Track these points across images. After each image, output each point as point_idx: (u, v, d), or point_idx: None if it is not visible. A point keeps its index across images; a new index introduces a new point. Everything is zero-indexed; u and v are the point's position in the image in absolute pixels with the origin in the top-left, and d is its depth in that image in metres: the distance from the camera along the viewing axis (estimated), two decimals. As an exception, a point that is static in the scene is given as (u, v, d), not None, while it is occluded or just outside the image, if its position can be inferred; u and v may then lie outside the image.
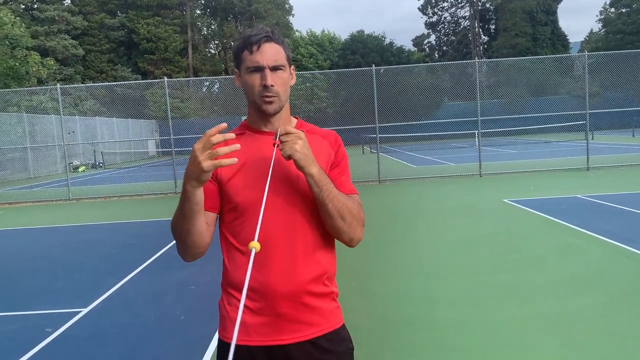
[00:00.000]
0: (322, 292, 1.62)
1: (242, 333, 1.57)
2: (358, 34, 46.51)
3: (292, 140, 1.47)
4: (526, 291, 4.85)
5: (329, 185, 1.52)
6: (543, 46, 46.70)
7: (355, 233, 1.59)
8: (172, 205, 9.14)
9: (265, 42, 1.57)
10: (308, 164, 1.48)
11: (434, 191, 11.86)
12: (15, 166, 23.66)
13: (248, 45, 1.57)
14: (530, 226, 7.60)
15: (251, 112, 1.68)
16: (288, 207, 1.58)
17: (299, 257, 1.58)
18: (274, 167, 1.54)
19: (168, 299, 5.23)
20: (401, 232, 7.74)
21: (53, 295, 5.50)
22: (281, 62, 1.58)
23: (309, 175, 1.49)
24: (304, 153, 1.48)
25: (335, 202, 1.52)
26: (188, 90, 38.21)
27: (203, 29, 52.01)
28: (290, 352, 1.58)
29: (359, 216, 1.59)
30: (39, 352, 4.05)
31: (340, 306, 1.70)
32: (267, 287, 1.56)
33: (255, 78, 1.57)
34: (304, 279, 1.58)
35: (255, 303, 1.58)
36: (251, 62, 1.57)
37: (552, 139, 28.30)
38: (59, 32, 41.12)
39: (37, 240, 8.84)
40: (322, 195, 1.50)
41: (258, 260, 1.55)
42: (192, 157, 1.39)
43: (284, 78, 1.60)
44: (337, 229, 1.56)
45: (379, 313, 4.49)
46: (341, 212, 1.53)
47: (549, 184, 11.79)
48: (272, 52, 1.57)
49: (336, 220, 1.54)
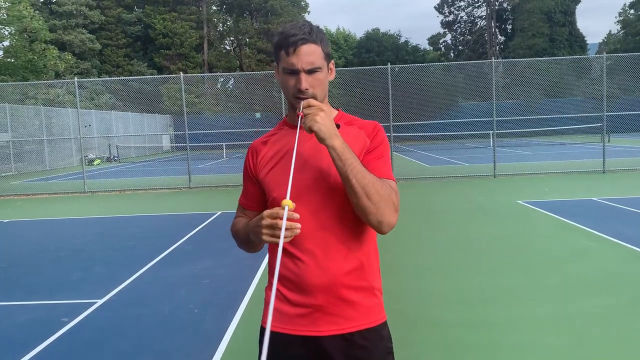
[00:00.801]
0: (359, 286, 1.62)
1: (280, 321, 1.61)
2: (373, 32, 46.42)
3: (314, 112, 1.47)
4: (540, 292, 4.84)
5: (353, 160, 1.47)
6: (560, 47, 46.28)
7: (384, 216, 1.51)
8: (186, 200, 9.19)
9: (302, 44, 1.55)
10: (329, 135, 1.46)
11: (447, 191, 11.82)
12: (32, 158, 23.96)
13: (285, 47, 1.56)
14: (545, 228, 7.56)
15: (290, 109, 1.72)
16: (321, 199, 1.59)
17: (334, 249, 1.59)
18: (307, 161, 1.59)
19: (182, 292, 5.29)
20: (414, 231, 7.73)
21: (70, 286, 5.58)
22: (318, 64, 1.58)
23: (331, 148, 1.47)
24: (325, 124, 1.46)
25: (359, 178, 1.46)
26: (203, 86, 38.37)
27: (219, 25, 52.18)
28: (324, 344, 1.59)
29: (388, 198, 1.51)
30: (55, 342, 4.12)
31: (382, 303, 1.68)
32: (303, 279, 1.58)
33: (291, 80, 1.58)
34: (339, 272, 1.58)
35: (292, 294, 1.61)
36: (287, 64, 1.57)
37: (568, 141, 28.05)
38: (77, 26, 41.52)
39: (54, 231, 8.96)
40: (346, 169, 1.46)
41: (294, 252, 1.59)
42: (259, 224, 1.45)
43: (320, 79, 1.60)
44: (363, 208, 1.49)
45: (393, 310, 4.50)
46: (367, 189, 1.47)
47: (564, 186, 11.70)
48: (309, 54, 1.56)
49: (361, 198, 1.47)
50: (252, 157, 1.74)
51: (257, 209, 1.72)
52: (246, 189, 1.77)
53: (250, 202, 1.75)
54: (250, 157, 1.75)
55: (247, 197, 1.76)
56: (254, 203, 1.74)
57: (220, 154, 28.83)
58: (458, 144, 30.04)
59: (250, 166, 1.73)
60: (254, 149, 1.76)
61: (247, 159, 1.76)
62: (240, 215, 1.80)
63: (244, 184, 1.79)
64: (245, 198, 1.77)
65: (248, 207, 1.76)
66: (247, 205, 1.77)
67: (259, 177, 1.69)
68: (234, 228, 1.76)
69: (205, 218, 9.32)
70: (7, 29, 23.48)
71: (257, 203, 1.73)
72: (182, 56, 46.07)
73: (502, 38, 56.97)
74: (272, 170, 1.66)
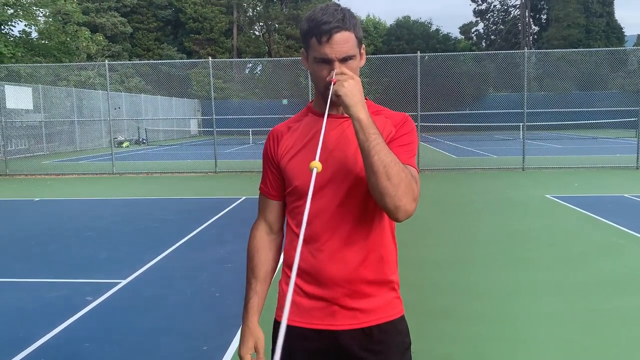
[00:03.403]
0: (378, 280, 1.58)
1: (296, 314, 1.57)
2: (404, 19, 45.86)
3: (344, 79, 1.40)
4: (566, 289, 4.73)
5: (377, 137, 1.37)
6: (596, 38, 44.98)
7: (402, 200, 1.38)
8: (212, 184, 9.32)
9: (337, 32, 1.45)
10: (354, 103, 1.38)
11: (474, 183, 11.66)
12: (63, 139, 24.46)
13: (317, 35, 1.46)
14: (573, 223, 7.39)
15: (317, 96, 1.63)
16: (344, 191, 1.53)
17: (354, 242, 1.54)
18: (332, 151, 1.53)
19: (204, 275, 5.33)
20: (439, 223, 7.65)
21: (96, 266, 5.68)
22: (351, 52, 1.48)
23: (356, 120, 1.37)
24: (352, 91, 1.38)
25: (382, 155, 1.35)
26: (231, 71, 38.52)
27: (249, 10, 52.11)
28: (340, 338, 1.55)
29: (408, 183, 1.39)
30: (78, 320, 4.19)
31: (400, 297, 1.65)
32: (320, 271, 1.55)
33: (323, 69, 1.49)
34: (358, 266, 1.54)
35: (309, 286, 1.57)
36: (319, 53, 1.48)
37: (601, 135, 27.37)
38: (109, 9, 41.96)
39: (82, 211, 9.12)
40: (368, 144, 1.36)
41: (312, 245, 1.55)
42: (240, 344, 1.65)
43: (353, 67, 1.50)
44: (381, 189, 1.37)
45: (413, 302, 4.45)
46: (387, 168, 1.35)
47: (594, 182, 11.43)
48: (343, 42, 1.46)
49: (381, 177, 1.35)
50: (274, 143, 1.66)
51: (278, 197, 1.68)
52: (266, 174, 1.70)
53: (271, 189, 1.68)
54: (272, 142, 1.67)
55: (267, 184, 1.70)
56: (274, 190, 1.67)
57: (246, 139, 28.97)
58: (486, 135, 29.59)
59: (271, 152, 1.66)
60: (277, 134, 1.67)
61: (268, 145, 1.69)
62: (261, 216, 1.73)
63: (264, 170, 1.72)
64: (265, 185, 1.71)
65: (269, 195, 1.69)
66: (267, 193, 1.70)
67: (280, 164, 1.63)
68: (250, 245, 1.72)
69: (230, 203, 9.37)
70: (42, 10, 23.87)
71: (278, 190, 1.67)
72: (211, 41, 46.24)
73: (536, 28, 55.61)
74: (294, 157, 1.59)
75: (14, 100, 17.66)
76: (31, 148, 21.91)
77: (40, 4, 23.05)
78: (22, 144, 21.50)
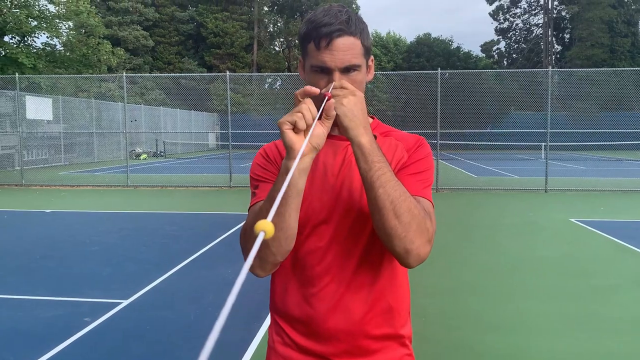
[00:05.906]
0: (385, 335, 1.32)
1: None
2: (424, 36, 45.74)
3: (344, 94, 1.14)
4: (592, 324, 4.37)
5: (383, 165, 1.13)
6: (621, 58, 44.33)
7: (414, 243, 1.14)
8: (225, 199, 9.09)
9: (338, 36, 1.20)
10: (355, 125, 1.12)
11: (495, 204, 11.28)
12: (82, 150, 24.62)
13: (316, 38, 1.21)
14: (600, 251, 7.00)
15: None
16: (348, 226, 1.28)
17: (357, 289, 1.29)
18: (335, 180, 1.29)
19: (209, 297, 5.08)
20: (457, 245, 7.31)
21: (97, 283, 5.46)
22: (356, 62, 1.22)
23: (356, 145, 1.12)
24: (352, 110, 1.12)
25: (388, 189, 1.11)
26: (250, 86, 38.64)
27: (269, 26, 52.57)
28: None
29: (421, 221, 1.14)
30: (75, 342, 3.96)
31: (413, 354, 1.39)
32: (317, 322, 1.30)
33: (321, 80, 1.23)
34: (361, 317, 1.29)
35: (303, 339, 1.32)
36: (317, 60, 1.22)
37: (626, 157, 26.71)
38: (132, 22, 42.57)
39: (91, 224, 8.96)
40: (372, 175, 1.12)
41: (308, 289, 1.30)
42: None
43: (357, 80, 1.24)
44: (388, 229, 1.13)
45: (429, 333, 4.15)
46: (396, 204, 1.11)
47: (622, 206, 10.96)
48: (346, 49, 1.21)
49: (387, 215, 1.12)
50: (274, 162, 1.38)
51: None
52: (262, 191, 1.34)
53: None
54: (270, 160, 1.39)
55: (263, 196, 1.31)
56: None
57: (263, 154, 28.83)
58: (507, 154, 29.07)
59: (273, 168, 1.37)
60: (275, 154, 1.39)
61: (263, 161, 1.40)
62: None
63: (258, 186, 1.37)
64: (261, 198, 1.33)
65: None
66: None
67: None
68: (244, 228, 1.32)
69: (241, 219, 9.14)
70: (65, 23, 24.19)
71: None
72: (232, 55, 46.60)
73: (558, 47, 55.06)
74: None
75: (34, 111, 17.80)
76: (50, 158, 22.05)
77: (63, 17, 23.36)
78: (42, 154, 21.65)
